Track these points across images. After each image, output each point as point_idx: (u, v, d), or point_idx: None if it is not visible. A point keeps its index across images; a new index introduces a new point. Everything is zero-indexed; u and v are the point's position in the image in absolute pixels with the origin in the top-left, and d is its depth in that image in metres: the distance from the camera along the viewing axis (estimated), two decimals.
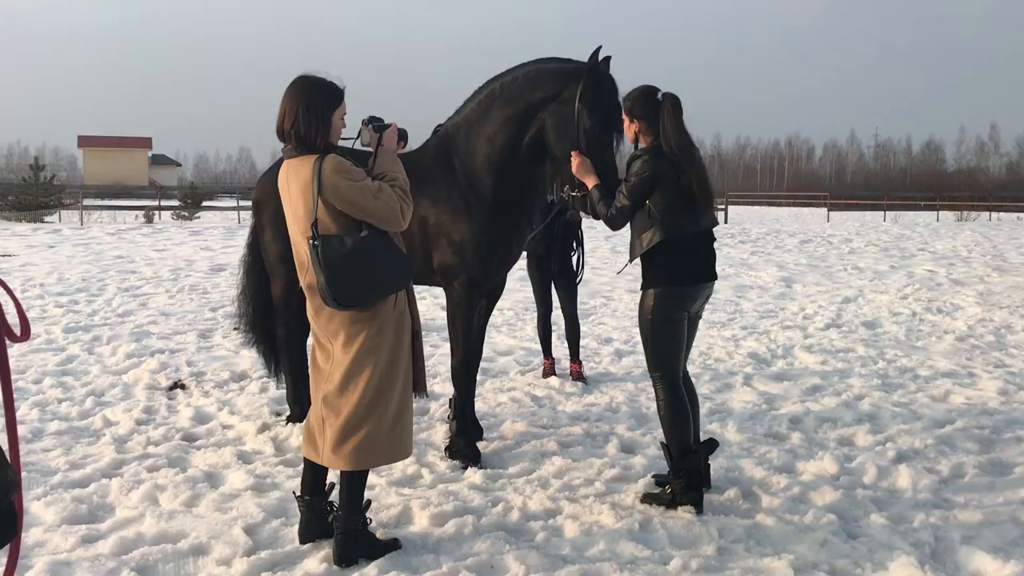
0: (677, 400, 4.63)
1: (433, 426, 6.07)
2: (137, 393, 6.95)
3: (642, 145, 4.71)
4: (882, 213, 47.06)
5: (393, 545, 4.03)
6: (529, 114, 5.03)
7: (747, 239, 25.86)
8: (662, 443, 4.72)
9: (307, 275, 3.85)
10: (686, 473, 4.53)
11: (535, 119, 5.03)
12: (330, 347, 3.92)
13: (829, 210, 47.08)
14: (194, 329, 9.81)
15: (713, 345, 9.13)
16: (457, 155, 5.23)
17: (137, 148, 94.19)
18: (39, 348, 8.61)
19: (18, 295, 12.06)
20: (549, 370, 7.67)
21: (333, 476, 4.10)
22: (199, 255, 18.85)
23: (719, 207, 43.19)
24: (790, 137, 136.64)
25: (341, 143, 4.02)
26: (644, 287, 4.69)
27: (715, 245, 4.86)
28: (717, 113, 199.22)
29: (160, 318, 10.60)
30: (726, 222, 38.28)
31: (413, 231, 5.27)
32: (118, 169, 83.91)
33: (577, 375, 7.54)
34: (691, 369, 7.76)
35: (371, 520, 4.11)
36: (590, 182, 4.78)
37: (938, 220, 43.86)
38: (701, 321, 10.57)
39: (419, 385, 4.10)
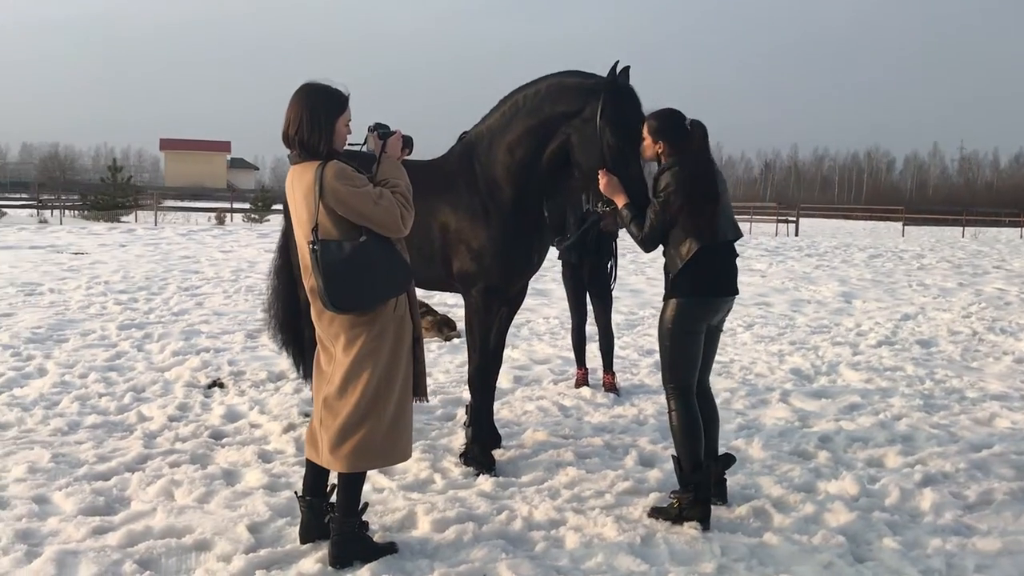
0: (689, 413, 4.58)
1: (455, 431, 6.09)
2: (176, 390, 7.13)
3: (663, 161, 4.71)
4: (961, 229, 45.65)
5: (389, 549, 4.05)
6: (550, 128, 5.04)
7: (814, 252, 25.35)
8: (673, 456, 4.66)
9: (309, 279, 3.91)
10: (695, 487, 4.47)
11: (556, 133, 5.03)
12: (332, 349, 3.98)
13: (904, 224, 45.86)
14: (243, 329, 10.02)
15: (757, 360, 8.97)
16: (479, 162, 5.26)
17: (216, 152, 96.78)
18: (92, 344, 8.90)
19: (83, 292, 12.52)
20: (582, 380, 7.63)
21: (335, 478, 4.14)
22: (262, 257, 19.25)
23: (790, 219, 42.51)
24: (869, 149, 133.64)
25: (349, 149, 4.07)
26: (666, 298, 4.66)
27: (739, 260, 4.82)
28: (794, 123, 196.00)
29: (212, 317, 10.86)
30: (796, 235, 37.66)
31: (433, 237, 5.32)
32: (197, 172, 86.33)
33: (610, 386, 7.48)
34: (728, 383, 7.71)
35: (369, 523, 4.14)
36: (620, 201, 4.77)
37: (1022, 237, 42.36)
38: (748, 334, 10.55)
39: (419, 389, 4.12)
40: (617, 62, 4.83)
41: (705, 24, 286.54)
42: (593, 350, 7.95)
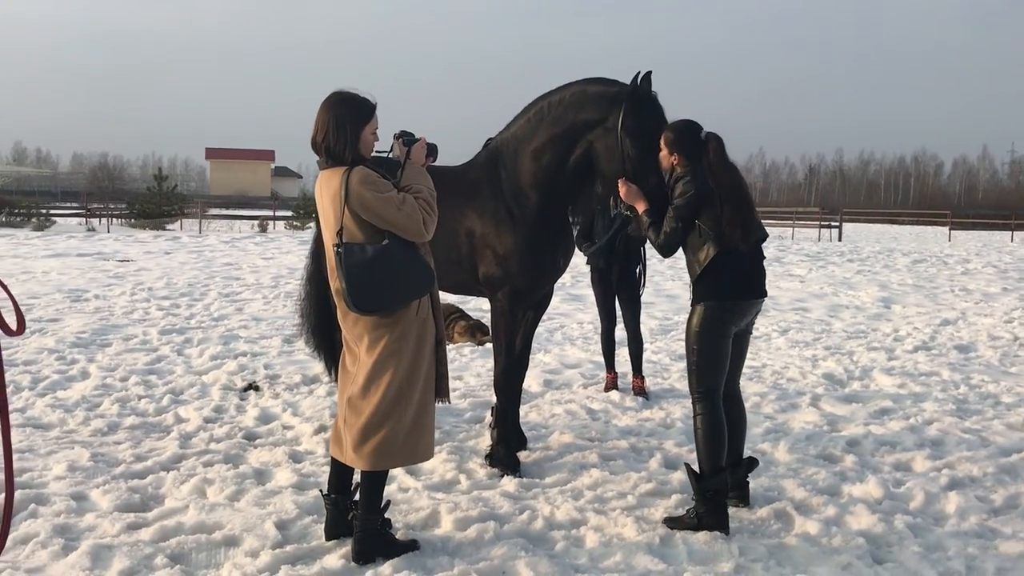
0: (715, 419, 4.58)
1: (482, 434, 6.17)
2: (212, 393, 7.30)
3: (677, 172, 4.75)
4: (1010, 233, 44.81)
5: (411, 546, 4.15)
6: (575, 135, 5.12)
7: (856, 257, 25.08)
8: (686, 464, 4.68)
9: (335, 280, 4.02)
10: (713, 494, 4.48)
11: (581, 140, 5.11)
12: (357, 350, 4.09)
13: (951, 229, 45.13)
14: (280, 334, 10.20)
15: (790, 364, 8.94)
16: (505, 169, 5.35)
17: (260, 160, 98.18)
18: (133, 348, 9.14)
19: (127, 298, 12.83)
20: (611, 384, 7.68)
21: (360, 476, 4.25)
22: (302, 263, 19.42)
23: (833, 224, 42.02)
24: (916, 152, 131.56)
25: (377, 155, 4.18)
26: (693, 303, 4.69)
27: (765, 262, 4.84)
28: (839, 126, 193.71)
29: (251, 323, 11.07)
30: (840, 240, 37.26)
31: (460, 242, 5.42)
32: (242, 180, 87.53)
33: (639, 390, 7.52)
34: (759, 387, 7.71)
35: (393, 521, 4.24)
36: (640, 207, 4.83)
37: None
38: (783, 339, 10.50)
39: (442, 391, 4.21)
40: (639, 72, 4.89)
41: (750, 30, 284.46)
42: (623, 354, 7.99)
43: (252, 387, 7.54)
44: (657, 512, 4.73)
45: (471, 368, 8.49)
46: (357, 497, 4.20)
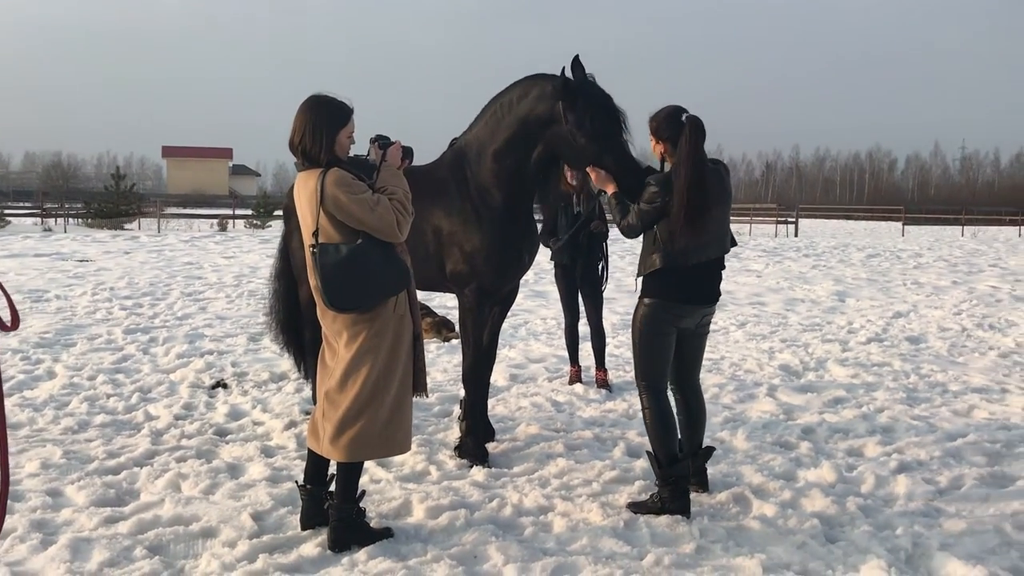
0: (661, 410, 4.75)
1: (451, 427, 6.32)
2: (181, 391, 7.37)
3: (668, 165, 4.79)
4: (960, 228, 45.87)
5: (385, 534, 4.29)
6: (531, 136, 5.25)
7: (812, 253, 25.58)
8: (648, 452, 4.86)
9: (313, 279, 4.15)
10: (674, 480, 4.66)
11: (538, 139, 5.23)
12: (336, 345, 4.22)
13: (904, 224, 46.07)
14: (246, 332, 10.25)
15: (747, 357, 9.20)
16: (470, 169, 5.50)
17: (218, 158, 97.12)
18: (99, 348, 9.15)
19: (89, 298, 12.77)
20: (575, 377, 7.86)
21: (335, 467, 4.37)
22: (264, 262, 19.49)
23: (790, 220, 42.69)
24: (871, 149, 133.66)
25: (356, 157, 4.32)
26: (640, 295, 4.83)
27: (736, 262, 4.94)
28: (795, 124, 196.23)
29: (216, 321, 11.10)
30: (796, 235, 37.88)
31: (428, 239, 5.56)
32: (199, 179, 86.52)
33: (602, 383, 7.71)
34: (718, 379, 7.94)
35: (367, 511, 4.38)
36: (609, 190, 4.95)
37: (1020, 235, 42.54)
38: (741, 332, 10.75)
39: (419, 385, 4.36)
40: (571, 61, 4.98)
41: (708, 27, 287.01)
42: (587, 348, 8.18)
43: (220, 384, 7.60)
44: (621, 498, 4.91)
45: (438, 364, 8.63)
46: (333, 488, 4.33)
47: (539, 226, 7.53)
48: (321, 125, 4.03)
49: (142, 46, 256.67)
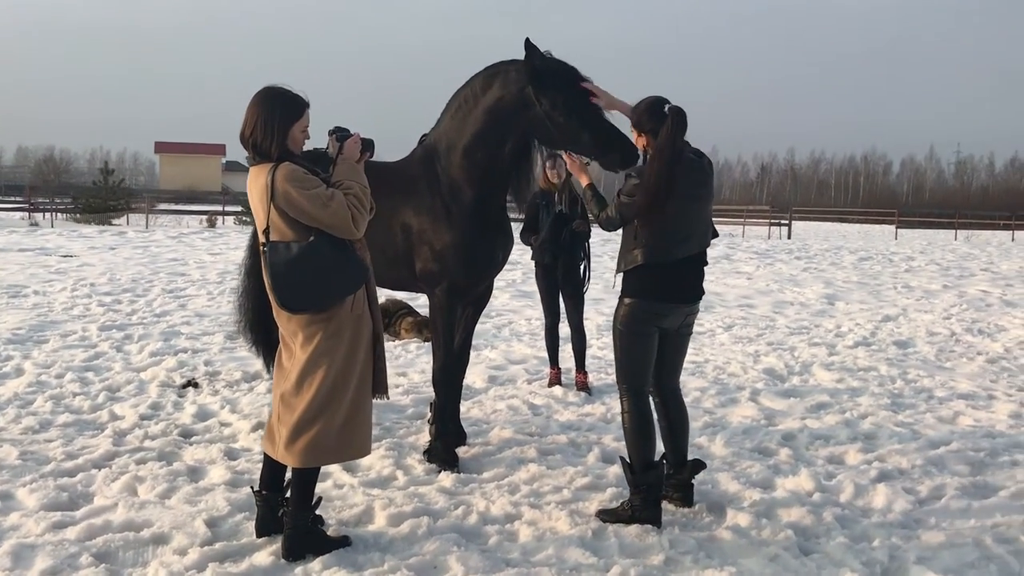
0: (641, 414, 4.60)
1: (423, 430, 6.15)
2: (150, 390, 7.19)
3: (651, 157, 4.64)
4: (954, 232, 45.82)
5: (342, 542, 4.13)
6: (502, 125, 5.10)
7: (804, 255, 25.44)
8: (622, 458, 4.70)
9: (264, 278, 3.99)
10: (646, 488, 4.50)
11: (510, 128, 5.09)
12: (292, 346, 4.05)
13: (898, 227, 46.01)
14: (223, 330, 10.06)
15: (731, 360, 9.05)
16: (440, 165, 5.34)
17: (211, 155, 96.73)
18: (71, 345, 8.96)
19: (68, 294, 12.58)
20: (555, 379, 7.71)
21: (291, 473, 4.21)
22: None
23: (783, 222, 42.58)
24: (866, 152, 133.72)
25: (315, 151, 4.15)
26: (620, 295, 4.68)
27: (713, 260, 4.80)
28: (790, 126, 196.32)
29: (194, 319, 10.92)
30: (789, 238, 37.78)
31: (397, 238, 5.39)
32: (192, 175, 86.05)
33: (582, 385, 7.56)
34: (700, 382, 7.78)
35: (325, 518, 4.22)
36: (584, 181, 4.81)
37: (1013, 240, 42.48)
38: (727, 335, 10.61)
39: (379, 387, 4.19)
40: (527, 39, 4.87)
41: (703, 28, 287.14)
42: (568, 350, 8.02)
43: (191, 384, 7.44)
44: (592, 506, 4.76)
45: (416, 364, 8.46)
46: (289, 494, 4.17)
47: (520, 223, 7.40)
48: (273, 118, 3.86)
49: (137, 41, 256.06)
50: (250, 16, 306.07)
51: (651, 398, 4.78)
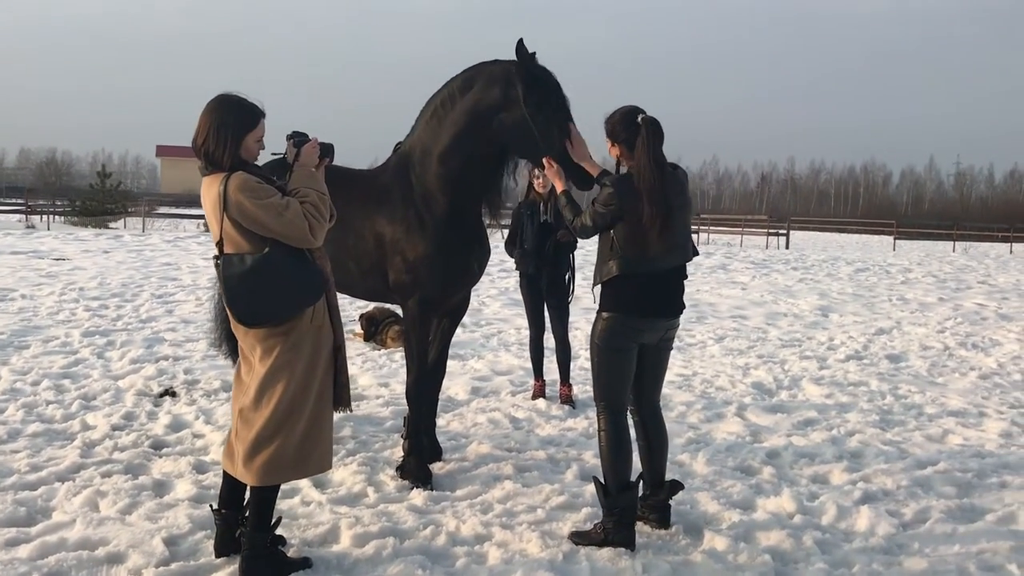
0: (618, 433, 4.46)
1: (399, 443, 6.01)
2: (126, 399, 7.06)
3: (624, 168, 4.54)
4: (952, 243, 45.70)
5: (302, 564, 4.00)
6: (480, 127, 4.98)
7: (800, 266, 25.28)
8: (595, 478, 4.56)
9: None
10: (620, 511, 4.36)
11: (486, 132, 4.96)
12: (251, 360, 3.93)
13: (896, 239, 45.89)
14: (208, 337, 9.92)
15: (720, 373, 8.92)
16: (414, 173, 5.21)
17: None
18: (52, 351, 8.84)
19: (55, 298, 12.45)
20: (538, 392, 7.57)
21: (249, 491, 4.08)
22: None
23: (781, 232, 42.45)
24: (866, 162, 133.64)
25: (273, 156, 4.03)
26: (598, 309, 4.55)
27: (710, 270, 4.69)
28: (791, 136, 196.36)
29: (180, 325, 10.80)
30: (787, 248, 37.65)
31: (370, 248, 5.26)
32: (193, 178, 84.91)
33: (566, 398, 7.43)
34: (687, 397, 7.65)
35: (287, 537, 4.09)
36: (559, 187, 4.71)
37: (1011, 252, 42.34)
38: (718, 346, 10.47)
39: (341, 400, 4.07)
40: (521, 40, 4.78)
41: (704, 38, 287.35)
42: (554, 362, 7.89)
43: (168, 392, 7.31)
44: (565, 527, 4.62)
45: (400, 375, 8.31)
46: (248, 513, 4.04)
47: (504, 233, 7.28)
48: (226, 127, 3.73)
49: (139, 46, 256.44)
50: (253, 21, 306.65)
51: (630, 416, 4.65)
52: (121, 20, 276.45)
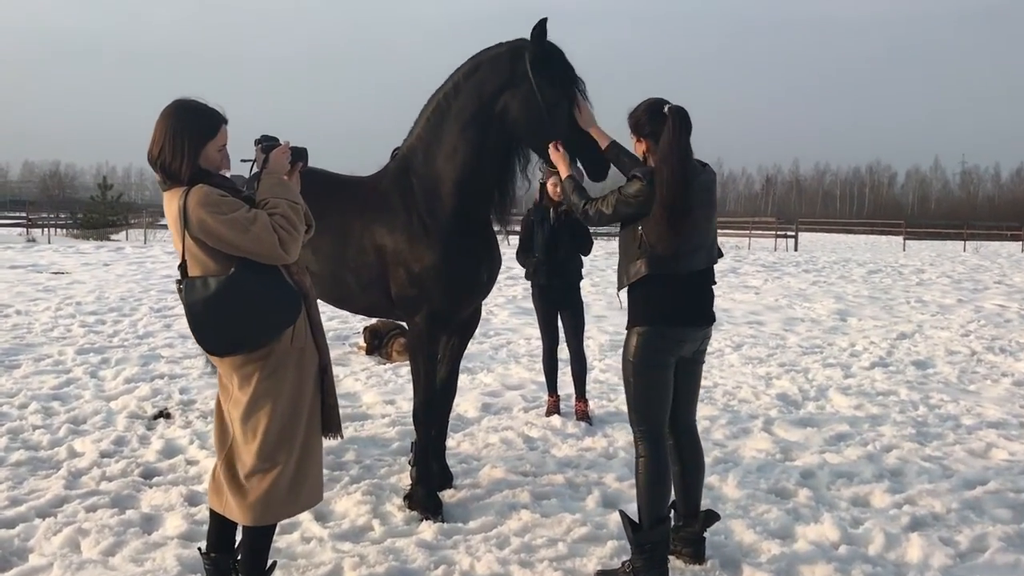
0: (659, 461, 4.03)
1: (408, 467, 5.61)
2: (117, 422, 6.67)
3: (651, 163, 4.13)
4: (962, 243, 45.21)
5: None
6: (486, 114, 4.61)
7: (812, 268, 24.85)
8: (621, 512, 4.15)
9: None
10: (652, 547, 3.95)
11: (492, 116, 4.60)
12: (231, 388, 3.54)
13: (905, 239, 45.42)
14: (206, 354, 9.55)
15: (742, 384, 8.50)
16: (416, 177, 4.82)
17: None
18: (43, 370, 8.47)
19: (51, 314, 12.08)
20: (552, 408, 7.17)
21: (242, 532, 3.69)
22: None
23: (789, 234, 42.03)
24: (871, 163, 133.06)
25: (242, 165, 3.66)
26: (628, 326, 4.13)
27: (720, 274, 4.28)
28: (795, 137, 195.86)
29: (178, 341, 10.41)
30: (796, 250, 37.22)
31: (370, 260, 4.86)
32: None
33: (582, 415, 7.02)
34: (709, 411, 7.24)
35: None
36: (563, 171, 4.33)
37: (1023, 251, 41.84)
38: (736, 355, 10.06)
39: (331, 425, 3.68)
40: (544, 19, 4.48)
41: (707, 40, 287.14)
42: (569, 374, 7.49)
43: (162, 414, 6.92)
44: (590, 563, 4.22)
45: (406, 391, 7.91)
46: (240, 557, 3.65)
47: (510, 240, 6.89)
48: (183, 136, 3.35)
49: (143, 57, 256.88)
50: (255, 32, 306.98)
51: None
52: (123, 31, 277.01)
